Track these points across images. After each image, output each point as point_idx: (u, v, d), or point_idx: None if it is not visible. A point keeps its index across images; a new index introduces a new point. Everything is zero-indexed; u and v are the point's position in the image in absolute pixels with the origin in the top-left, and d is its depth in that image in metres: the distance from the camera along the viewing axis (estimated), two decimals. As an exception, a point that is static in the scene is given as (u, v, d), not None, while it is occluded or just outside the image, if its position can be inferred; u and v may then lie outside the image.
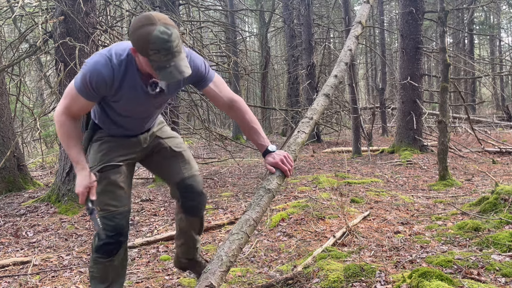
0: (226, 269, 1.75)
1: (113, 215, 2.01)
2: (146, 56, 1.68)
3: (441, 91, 5.92)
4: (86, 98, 1.87)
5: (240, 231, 1.86)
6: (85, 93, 1.84)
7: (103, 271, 2.08)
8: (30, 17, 5.96)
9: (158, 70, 1.69)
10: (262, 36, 18.08)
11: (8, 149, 5.59)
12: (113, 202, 2.02)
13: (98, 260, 2.06)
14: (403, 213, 4.13)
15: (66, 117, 1.91)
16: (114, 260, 2.07)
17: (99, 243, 2.03)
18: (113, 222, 2.01)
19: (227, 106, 2.06)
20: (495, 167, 7.05)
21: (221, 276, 1.72)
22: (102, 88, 1.83)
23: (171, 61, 1.67)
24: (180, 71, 1.69)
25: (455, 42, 20.67)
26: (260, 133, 2.06)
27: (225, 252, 1.77)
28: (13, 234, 4.08)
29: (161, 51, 1.64)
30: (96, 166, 2.03)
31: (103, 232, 2.01)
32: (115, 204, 2.02)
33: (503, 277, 2.34)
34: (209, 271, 1.72)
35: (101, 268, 2.08)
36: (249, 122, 2.06)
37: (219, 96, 2.03)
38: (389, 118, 15.70)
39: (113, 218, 2.01)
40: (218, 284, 1.69)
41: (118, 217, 2.02)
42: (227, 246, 1.80)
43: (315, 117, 2.36)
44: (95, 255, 2.06)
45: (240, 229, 1.87)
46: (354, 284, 2.39)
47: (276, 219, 3.95)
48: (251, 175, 7.38)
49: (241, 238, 1.84)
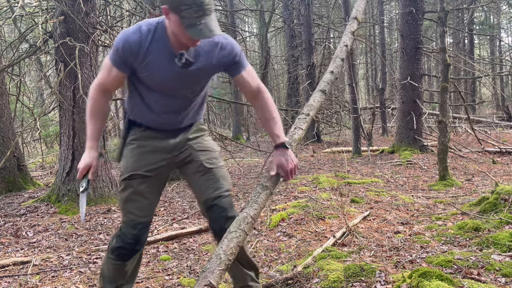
0: (225, 267, 1.74)
1: (135, 223, 2.01)
2: (177, 13, 1.68)
3: (441, 91, 5.92)
4: (117, 68, 1.87)
5: (238, 229, 1.85)
6: (116, 61, 1.86)
7: (113, 272, 2.07)
8: (30, 17, 5.96)
9: (188, 28, 1.68)
10: (262, 36, 18.07)
11: (8, 149, 5.59)
12: (136, 211, 2.01)
13: (110, 261, 2.05)
14: (403, 213, 4.13)
15: (98, 90, 1.95)
16: (127, 265, 2.06)
17: (115, 245, 2.02)
18: (133, 230, 2.00)
19: (254, 95, 2.02)
20: (495, 167, 7.05)
21: (220, 274, 1.71)
22: (130, 53, 1.82)
23: (202, 18, 1.67)
24: (210, 29, 1.68)
25: (455, 42, 20.67)
26: (279, 125, 2.02)
27: (224, 251, 1.76)
28: (13, 234, 4.08)
29: (193, 6, 1.65)
30: (124, 173, 2.01)
31: (121, 237, 2.02)
32: (137, 213, 2.01)
33: (503, 277, 2.34)
34: (208, 270, 1.71)
35: (111, 270, 2.07)
36: (271, 112, 2.02)
37: (249, 84, 1.99)
38: (389, 118, 15.70)
39: (135, 226, 2.01)
40: (217, 282, 1.68)
41: (138, 226, 2.01)
42: (225, 244, 1.79)
43: (311, 113, 2.32)
44: (109, 255, 2.06)
45: (238, 227, 1.85)
46: (354, 284, 2.39)
47: (276, 219, 3.95)
48: (251, 175, 7.38)
49: (239, 236, 1.83)
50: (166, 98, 1.96)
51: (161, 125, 2.03)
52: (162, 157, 2.04)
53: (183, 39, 1.77)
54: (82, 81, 4.92)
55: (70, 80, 5.10)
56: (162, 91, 1.94)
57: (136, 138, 2.04)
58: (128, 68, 1.88)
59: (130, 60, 1.84)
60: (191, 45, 1.81)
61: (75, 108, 5.11)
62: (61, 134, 5.31)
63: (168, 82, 1.89)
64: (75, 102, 5.10)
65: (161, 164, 2.04)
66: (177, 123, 2.05)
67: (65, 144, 5.18)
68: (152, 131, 2.03)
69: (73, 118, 5.12)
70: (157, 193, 2.10)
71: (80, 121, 5.11)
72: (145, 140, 2.03)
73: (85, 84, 5.05)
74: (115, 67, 1.88)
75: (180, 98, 1.98)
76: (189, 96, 2.00)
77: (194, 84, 1.97)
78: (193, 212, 4.71)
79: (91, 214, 4.70)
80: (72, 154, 5.09)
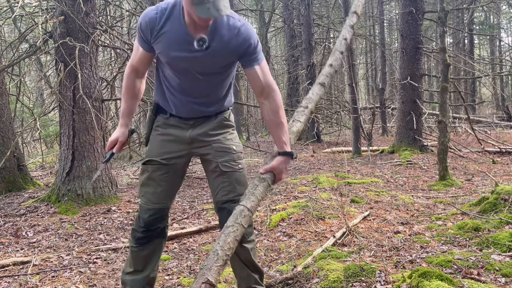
0: (223, 263, 1.72)
1: (145, 208, 2.06)
2: None
3: (441, 91, 5.92)
4: (141, 45, 1.96)
5: (235, 223, 1.82)
6: (139, 39, 1.95)
7: (130, 255, 2.11)
8: (30, 17, 5.96)
9: (196, 5, 1.69)
10: (262, 36, 18.07)
11: (8, 149, 5.59)
12: (149, 196, 2.06)
13: (130, 242, 2.12)
14: (403, 213, 4.13)
15: (129, 70, 2.05)
16: (144, 250, 2.08)
17: (133, 226, 2.11)
18: (145, 215, 2.05)
19: (264, 93, 1.96)
20: (495, 167, 7.05)
21: (218, 271, 1.69)
22: (146, 29, 1.89)
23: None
24: (218, 8, 1.69)
25: (455, 42, 20.67)
26: (286, 131, 1.98)
27: (221, 246, 1.74)
28: (13, 234, 4.08)
29: None
30: (145, 157, 2.11)
31: (136, 220, 2.10)
32: (150, 198, 2.05)
33: (503, 277, 2.34)
34: (205, 267, 1.70)
35: (130, 252, 2.12)
36: (280, 116, 1.95)
37: (260, 80, 1.93)
38: (389, 118, 15.70)
39: (146, 210, 2.06)
40: (215, 279, 1.67)
41: (149, 212, 2.05)
42: (222, 239, 1.77)
43: (310, 105, 2.28)
44: (130, 236, 2.13)
45: (235, 221, 1.83)
46: (354, 284, 2.39)
47: (276, 219, 3.95)
48: (251, 175, 7.38)
49: (236, 230, 1.80)
50: (182, 78, 1.97)
51: (181, 109, 2.04)
52: (181, 147, 2.07)
53: (194, 18, 1.77)
54: (82, 81, 4.92)
55: (70, 80, 5.09)
56: (176, 70, 1.96)
57: (159, 125, 2.10)
58: (146, 44, 1.94)
59: (147, 36, 1.91)
60: (202, 24, 1.79)
61: (75, 108, 5.10)
62: (61, 134, 5.31)
63: (180, 61, 1.90)
64: (75, 102, 5.10)
65: (179, 154, 2.07)
66: (196, 109, 2.03)
67: (65, 144, 5.18)
68: (175, 119, 2.07)
69: (73, 118, 5.11)
70: (173, 184, 2.11)
71: (80, 121, 5.11)
72: (168, 128, 2.08)
73: (85, 84, 5.05)
74: (139, 45, 1.97)
75: (195, 81, 1.96)
76: (204, 79, 1.96)
77: (209, 66, 1.93)
78: (193, 212, 4.71)
79: (91, 214, 4.70)
80: (72, 154, 5.09)
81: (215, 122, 2.09)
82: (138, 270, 2.11)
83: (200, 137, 2.06)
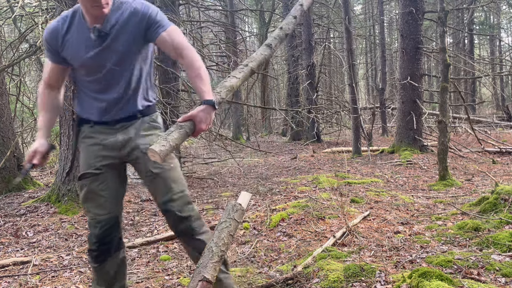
0: (218, 259, 1.72)
1: (95, 222, 1.99)
2: None
3: (441, 91, 5.92)
4: (49, 59, 1.99)
5: (227, 219, 1.82)
6: (46, 53, 1.99)
7: (95, 274, 2.06)
8: (30, 17, 5.96)
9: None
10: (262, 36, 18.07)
11: (8, 149, 5.59)
12: (95, 210, 2.00)
13: (91, 263, 2.05)
14: (403, 213, 4.13)
15: (43, 87, 2.05)
16: (105, 266, 2.02)
17: (88, 247, 2.04)
18: (95, 230, 1.98)
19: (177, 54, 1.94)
20: (495, 167, 7.05)
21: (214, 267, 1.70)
22: (51, 40, 1.94)
23: None
24: None
25: (455, 42, 20.68)
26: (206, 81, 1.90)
27: (215, 243, 1.75)
28: (13, 234, 4.08)
29: None
30: (80, 172, 2.04)
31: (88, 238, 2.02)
32: (97, 212, 2.00)
33: (503, 277, 2.34)
34: (201, 264, 1.70)
35: (93, 271, 2.06)
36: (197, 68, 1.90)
37: (170, 44, 1.92)
38: (389, 118, 15.70)
39: (96, 224, 1.98)
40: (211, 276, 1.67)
41: (99, 225, 1.98)
42: (216, 236, 1.77)
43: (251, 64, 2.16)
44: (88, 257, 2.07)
45: (227, 217, 1.83)
46: (354, 284, 2.39)
47: (276, 219, 3.95)
48: (251, 175, 7.38)
49: (230, 225, 1.80)
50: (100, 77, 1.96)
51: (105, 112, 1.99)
52: (112, 154, 2.01)
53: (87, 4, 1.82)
54: (82, 81, 4.90)
55: (70, 80, 5.09)
56: (89, 70, 1.96)
57: (85, 135, 2.05)
58: (56, 56, 1.97)
59: (54, 45, 1.94)
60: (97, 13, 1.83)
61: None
62: (61, 134, 5.31)
63: (90, 59, 1.92)
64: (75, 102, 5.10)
65: (111, 161, 2.02)
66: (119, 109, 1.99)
67: (65, 144, 5.18)
68: (100, 127, 2.02)
69: (73, 118, 5.09)
70: (115, 191, 2.04)
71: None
72: (94, 137, 2.02)
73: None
74: (48, 59, 2.00)
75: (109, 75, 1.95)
76: (117, 70, 1.95)
77: (117, 56, 1.93)
78: (193, 212, 4.71)
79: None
80: (73, 154, 5.07)
81: (141, 124, 2.04)
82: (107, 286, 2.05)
83: (128, 142, 2.01)
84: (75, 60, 1.95)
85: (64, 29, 1.92)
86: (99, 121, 2.01)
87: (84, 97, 2.04)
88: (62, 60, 1.97)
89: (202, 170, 8.55)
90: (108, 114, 1.99)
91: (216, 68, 9.62)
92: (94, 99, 2.00)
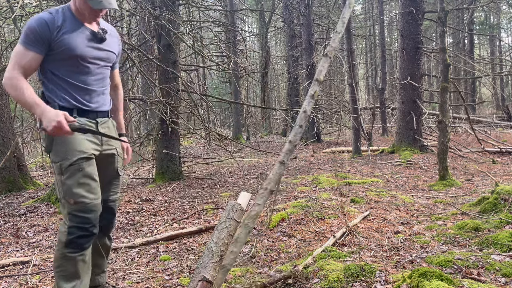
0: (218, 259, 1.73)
1: (90, 208, 2.02)
2: None
3: (441, 91, 5.92)
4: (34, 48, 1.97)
5: (227, 219, 1.83)
6: (32, 42, 1.96)
7: (74, 267, 2.02)
8: (30, 17, 5.95)
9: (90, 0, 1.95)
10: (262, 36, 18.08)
11: (8, 149, 5.59)
12: (89, 194, 2.03)
13: (68, 255, 2.01)
14: (403, 213, 4.13)
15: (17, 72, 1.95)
16: (86, 254, 2.06)
17: (70, 237, 2.00)
18: (89, 214, 2.02)
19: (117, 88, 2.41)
20: (495, 167, 7.05)
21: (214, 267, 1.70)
22: (46, 29, 1.96)
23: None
24: (109, 1, 2.00)
25: (455, 42, 20.68)
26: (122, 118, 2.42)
27: (215, 243, 1.75)
28: (13, 234, 4.08)
29: None
30: (68, 158, 2.01)
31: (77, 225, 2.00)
32: (91, 196, 2.03)
33: (503, 277, 2.34)
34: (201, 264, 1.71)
35: (72, 264, 2.02)
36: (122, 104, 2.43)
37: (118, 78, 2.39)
38: (389, 118, 15.71)
39: (89, 210, 2.02)
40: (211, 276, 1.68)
41: (94, 209, 2.04)
42: (216, 236, 1.78)
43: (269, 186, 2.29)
44: (65, 250, 2.01)
45: (227, 217, 1.84)
46: (354, 284, 2.39)
47: (276, 219, 3.95)
48: (251, 175, 7.38)
49: (229, 225, 1.82)
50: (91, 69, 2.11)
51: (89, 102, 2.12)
52: (94, 146, 2.12)
53: (86, 12, 2.02)
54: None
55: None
56: (81, 63, 2.07)
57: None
58: (44, 47, 1.98)
59: (47, 36, 1.97)
60: (93, 18, 2.07)
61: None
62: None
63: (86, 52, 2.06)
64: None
65: (95, 152, 2.13)
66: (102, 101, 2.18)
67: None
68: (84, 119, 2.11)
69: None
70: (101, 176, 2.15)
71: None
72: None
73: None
74: (30, 49, 1.97)
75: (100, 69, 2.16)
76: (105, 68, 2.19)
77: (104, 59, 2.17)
78: (193, 212, 4.71)
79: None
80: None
81: (112, 124, 2.28)
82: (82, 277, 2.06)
83: (106, 138, 2.17)
84: (71, 51, 2.01)
85: (59, 21, 1.99)
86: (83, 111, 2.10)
87: (68, 88, 2.07)
88: (46, 50, 2.01)
89: (202, 170, 8.55)
90: (93, 105, 2.13)
91: (216, 68, 9.62)
92: (80, 89, 2.09)
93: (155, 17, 6.29)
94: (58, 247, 2.04)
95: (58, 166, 2.02)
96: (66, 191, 2.01)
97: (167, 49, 6.90)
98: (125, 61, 6.84)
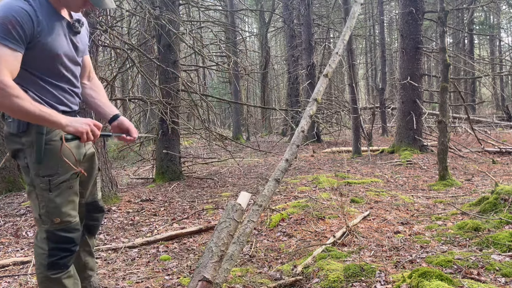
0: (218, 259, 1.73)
1: (73, 226, 1.87)
2: None
3: (441, 91, 5.92)
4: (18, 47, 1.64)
5: (227, 219, 1.83)
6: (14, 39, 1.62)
7: (61, 285, 1.86)
8: None
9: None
10: (262, 36, 18.09)
11: (8, 149, 5.58)
12: (74, 212, 1.89)
13: (53, 277, 1.82)
14: (403, 213, 4.13)
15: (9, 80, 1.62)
16: (71, 269, 1.90)
17: (52, 259, 1.82)
18: (73, 234, 1.87)
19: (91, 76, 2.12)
20: (495, 167, 7.05)
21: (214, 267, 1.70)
22: (29, 22, 1.64)
23: None
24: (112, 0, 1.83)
25: (455, 42, 20.69)
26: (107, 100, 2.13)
27: (215, 243, 1.75)
28: (13, 234, 4.08)
29: None
30: (60, 173, 1.81)
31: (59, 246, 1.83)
32: (74, 214, 1.89)
33: (503, 277, 2.34)
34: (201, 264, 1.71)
35: (58, 284, 1.85)
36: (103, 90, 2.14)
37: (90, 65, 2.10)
38: (389, 118, 15.71)
39: (73, 229, 1.87)
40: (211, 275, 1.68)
41: (77, 227, 1.90)
42: (216, 236, 1.78)
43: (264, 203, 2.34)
44: (48, 273, 1.82)
45: (227, 217, 1.84)
46: (354, 284, 2.39)
47: (276, 219, 3.95)
48: (251, 175, 7.38)
49: (229, 225, 1.81)
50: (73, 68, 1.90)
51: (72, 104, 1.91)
52: (82, 151, 1.96)
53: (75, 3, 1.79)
54: (82, 81, 4.90)
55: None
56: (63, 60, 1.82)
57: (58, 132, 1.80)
58: (24, 43, 1.66)
59: (30, 30, 1.65)
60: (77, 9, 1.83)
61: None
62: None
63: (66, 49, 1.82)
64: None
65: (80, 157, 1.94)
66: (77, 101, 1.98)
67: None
68: None
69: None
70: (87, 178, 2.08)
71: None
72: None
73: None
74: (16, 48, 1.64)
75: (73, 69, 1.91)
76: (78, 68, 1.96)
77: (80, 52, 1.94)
78: (193, 212, 4.71)
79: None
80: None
81: None
82: None
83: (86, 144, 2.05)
84: (57, 48, 1.77)
85: (37, 12, 1.68)
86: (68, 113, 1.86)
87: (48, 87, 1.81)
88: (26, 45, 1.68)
89: (202, 170, 8.55)
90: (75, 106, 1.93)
91: (216, 68, 9.62)
92: (64, 90, 1.86)
93: (155, 17, 6.29)
94: (39, 270, 1.84)
95: (46, 181, 1.78)
96: (53, 210, 1.80)
97: (167, 49, 6.90)
98: (125, 61, 6.84)
